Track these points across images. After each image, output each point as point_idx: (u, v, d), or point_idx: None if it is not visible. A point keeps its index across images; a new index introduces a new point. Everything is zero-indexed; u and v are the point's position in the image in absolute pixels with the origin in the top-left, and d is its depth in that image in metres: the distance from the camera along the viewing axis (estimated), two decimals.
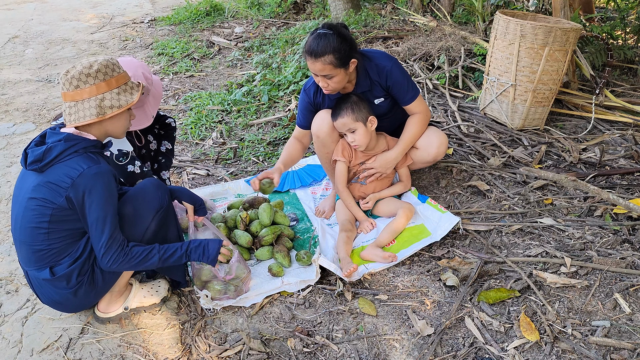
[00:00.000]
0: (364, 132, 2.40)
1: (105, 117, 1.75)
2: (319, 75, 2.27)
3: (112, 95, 1.76)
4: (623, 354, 1.74)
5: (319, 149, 2.59)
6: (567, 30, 3.13)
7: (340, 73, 2.26)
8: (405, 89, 2.43)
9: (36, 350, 1.91)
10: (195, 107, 4.15)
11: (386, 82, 2.42)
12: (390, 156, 2.52)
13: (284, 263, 2.28)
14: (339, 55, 2.21)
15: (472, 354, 1.81)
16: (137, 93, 1.83)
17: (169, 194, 1.98)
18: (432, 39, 4.71)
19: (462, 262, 2.22)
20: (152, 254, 1.80)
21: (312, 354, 1.87)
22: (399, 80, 2.41)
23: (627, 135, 3.29)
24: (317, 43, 2.21)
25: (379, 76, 2.41)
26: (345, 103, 2.38)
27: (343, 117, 2.37)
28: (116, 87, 1.78)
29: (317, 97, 2.51)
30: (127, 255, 1.75)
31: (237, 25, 6.82)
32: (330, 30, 2.23)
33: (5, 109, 4.39)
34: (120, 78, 1.80)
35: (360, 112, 2.37)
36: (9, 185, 3.14)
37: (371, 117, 2.41)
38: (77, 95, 1.72)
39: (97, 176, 1.69)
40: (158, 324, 2.02)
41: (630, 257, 2.15)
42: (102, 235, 1.71)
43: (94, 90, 1.73)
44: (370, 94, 2.46)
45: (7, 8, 8.92)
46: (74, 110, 1.74)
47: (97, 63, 1.75)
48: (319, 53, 2.20)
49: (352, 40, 2.29)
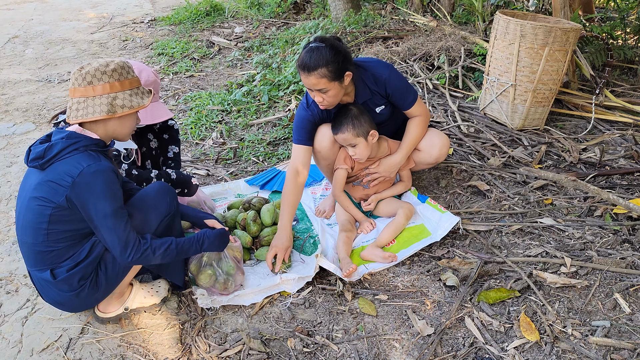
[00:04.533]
0: (364, 147, 2.38)
1: (114, 115, 1.75)
2: (313, 90, 2.21)
3: (124, 96, 1.76)
4: (623, 354, 1.74)
5: (319, 162, 2.58)
6: (567, 30, 3.13)
7: (335, 87, 2.20)
8: (404, 95, 2.41)
9: (36, 350, 1.91)
10: (195, 107, 4.16)
11: (385, 91, 2.39)
12: (394, 161, 2.52)
13: (285, 262, 2.28)
14: (333, 67, 2.14)
15: (472, 354, 1.81)
16: (147, 98, 1.84)
17: (177, 200, 2.00)
18: (432, 39, 4.71)
19: (462, 262, 2.22)
20: (172, 246, 1.83)
21: (312, 354, 1.87)
22: (397, 88, 2.39)
23: (627, 135, 3.29)
24: (310, 57, 2.14)
25: (377, 85, 2.38)
26: (346, 118, 2.33)
27: (344, 132, 2.33)
28: (129, 88, 1.79)
29: (323, 113, 2.43)
30: (149, 247, 1.77)
31: (237, 25, 6.82)
32: (322, 43, 2.17)
33: (5, 109, 4.39)
34: (133, 81, 1.81)
35: (361, 127, 2.33)
36: (9, 185, 3.14)
37: (372, 132, 2.38)
38: (88, 91, 1.72)
39: (97, 174, 1.68)
40: (158, 324, 2.02)
41: (630, 257, 2.15)
42: (114, 233, 1.70)
43: (108, 88, 1.73)
44: (372, 103, 2.44)
45: (7, 8, 8.93)
46: (83, 106, 1.73)
47: (113, 63, 1.76)
48: (312, 67, 2.13)
49: (346, 52, 2.22)
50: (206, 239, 1.95)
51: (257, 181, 3.00)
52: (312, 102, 2.41)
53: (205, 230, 2.00)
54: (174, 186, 2.42)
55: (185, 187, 2.46)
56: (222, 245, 2.02)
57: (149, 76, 2.24)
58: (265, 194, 2.92)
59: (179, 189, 2.44)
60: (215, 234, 1.98)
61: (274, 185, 2.98)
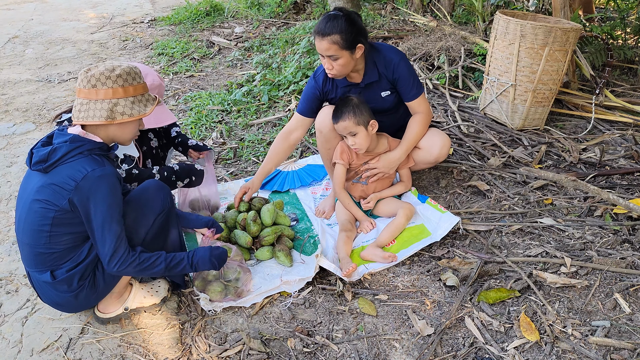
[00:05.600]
0: (364, 136, 2.40)
1: (114, 122, 1.74)
2: (324, 55, 2.29)
3: (125, 103, 1.75)
4: (623, 354, 1.74)
5: (322, 145, 2.59)
6: (567, 30, 3.13)
7: (345, 55, 2.28)
8: (410, 85, 2.45)
9: (36, 350, 1.91)
10: (195, 107, 4.16)
11: (392, 75, 2.44)
12: (394, 156, 2.52)
13: (286, 262, 2.28)
14: (346, 37, 2.23)
15: (472, 354, 1.81)
16: (151, 106, 1.82)
17: (172, 197, 1.98)
18: (432, 39, 4.71)
19: (462, 262, 2.22)
20: (159, 261, 1.80)
21: (312, 354, 1.87)
22: (405, 75, 2.43)
23: (627, 135, 3.29)
24: (326, 23, 2.25)
25: (386, 68, 2.43)
26: (347, 106, 2.37)
27: (345, 120, 2.36)
28: (132, 95, 1.77)
29: (326, 85, 2.52)
30: (135, 261, 1.74)
31: (237, 25, 6.82)
32: (340, 12, 2.28)
33: (5, 109, 4.39)
34: (138, 88, 1.79)
35: (361, 115, 2.36)
36: (9, 186, 3.14)
37: (372, 121, 2.41)
38: (91, 94, 1.72)
39: (102, 179, 1.68)
40: (158, 324, 2.02)
41: (630, 257, 2.15)
42: (107, 240, 1.70)
43: (110, 93, 1.72)
44: (378, 86, 2.49)
45: (7, 8, 8.93)
46: (85, 109, 1.73)
47: (119, 68, 1.74)
48: (326, 32, 2.24)
49: (361, 26, 2.31)
50: (199, 261, 1.89)
51: None
52: (320, 72, 2.52)
53: (195, 250, 1.93)
54: (180, 178, 2.41)
55: (192, 175, 2.47)
56: (217, 264, 1.94)
57: (154, 80, 2.24)
58: (265, 194, 2.93)
59: (186, 179, 2.44)
60: (205, 256, 1.91)
61: (274, 185, 2.98)
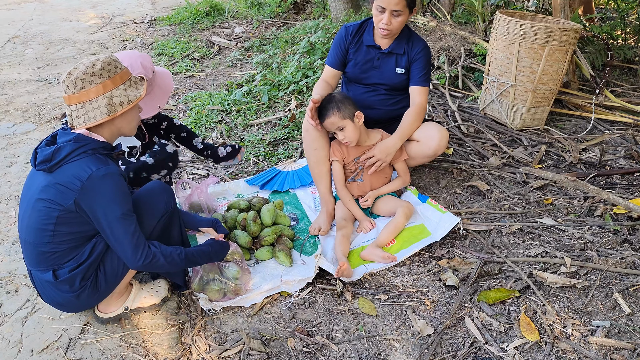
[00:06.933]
0: (352, 129, 2.46)
1: (116, 114, 1.73)
2: (389, 10, 2.40)
3: (119, 92, 1.74)
4: (623, 354, 1.74)
5: (308, 145, 2.57)
6: (567, 30, 3.13)
7: (406, 14, 2.46)
8: (421, 70, 2.59)
9: (36, 350, 1.91)
10: (195, 107, 4.15)
11: (413, 56, 2.59)
12: (390, 143, 2.54)
13: (286, 262, 2.28)
14: None
15: (472, 354, 1.81)
16: (142, 87, 1.82)
17: (174, 198, 1.99)
18: (432, 39, 4.71)
19: (462, 262, 2.22)
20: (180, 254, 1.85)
21: (312, 354, 1.87)
22: (423, 61, 2.59)
23: (627, 135, 3.29)
24: None
25: (412, 47, 2.60)
26: (330, 103, 2.44)
27: (330, 116, 2.42)
28: (121, 83, 1.76)
29: (354, 38, 2.65)
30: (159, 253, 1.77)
31: (237, 25, 6.82)
32: None
33: (5, 109, 4.39)
34: (123, 74, 1.78)
35: (346, 109, 2.43)
36: (9, 186, 3.14)
37: (357, 113, 2.47)
38: (83, 96, 1.70)
39: (106, 177, 1.67)
40: (158, 324, 2.02)
41: (630, 257, 2.15)
42: (125, 235, 1.70)
43: (101, 89, 1.71)
44: (397, 59, 2.62)
45: (7, 8, 8.93)
46: (83, 112, 1.71)
47: (99, 62, 1.72)
48: None
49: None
50: (213, 250, 2.00)
51: (257, 181, 3.00)
52: (351, 25, 2.67)
53: (212, 240, 2.05)
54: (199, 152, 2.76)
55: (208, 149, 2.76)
56: (223, 256, 2.07)
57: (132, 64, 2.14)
58: (265, 194, 2.92)
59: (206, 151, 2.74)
60: (220, 246, 2.04)
61: (274, 185, 2.98)
